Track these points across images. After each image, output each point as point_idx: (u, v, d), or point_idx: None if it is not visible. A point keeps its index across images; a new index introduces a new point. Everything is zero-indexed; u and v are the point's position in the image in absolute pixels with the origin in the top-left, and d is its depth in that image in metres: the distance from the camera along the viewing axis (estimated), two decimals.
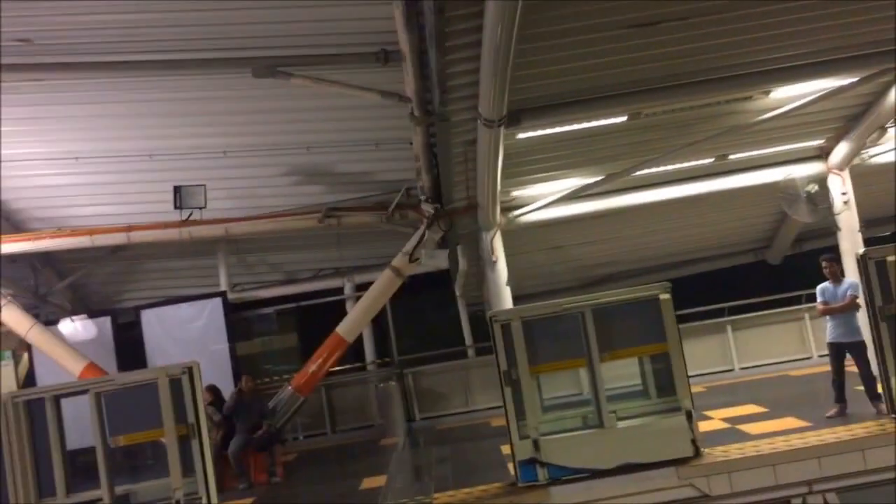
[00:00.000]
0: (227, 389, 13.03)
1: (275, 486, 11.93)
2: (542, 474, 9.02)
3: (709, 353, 15.11)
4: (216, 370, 13.66)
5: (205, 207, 12.93)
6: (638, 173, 12.93)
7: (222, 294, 15.09)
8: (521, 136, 11.04)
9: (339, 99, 11.04)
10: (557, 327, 9.34)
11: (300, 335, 18.51)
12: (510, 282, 13.52)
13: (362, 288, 15.30)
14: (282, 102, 11.56)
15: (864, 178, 14.30)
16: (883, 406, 9.74)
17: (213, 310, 14.87)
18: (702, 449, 9.12)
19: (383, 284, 13.77)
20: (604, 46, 9.23)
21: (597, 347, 9.17)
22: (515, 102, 9.40)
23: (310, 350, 14.09)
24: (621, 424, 9.21)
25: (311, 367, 13.56)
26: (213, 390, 12.73)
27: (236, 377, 13.88)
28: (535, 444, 9.02)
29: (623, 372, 9.76)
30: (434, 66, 8.64)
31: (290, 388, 13.45)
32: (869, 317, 9.55)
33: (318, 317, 16.70)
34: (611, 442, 9.11)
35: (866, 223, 14.34)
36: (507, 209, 13.58)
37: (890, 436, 9.07)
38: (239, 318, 16.25)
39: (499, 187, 11.63)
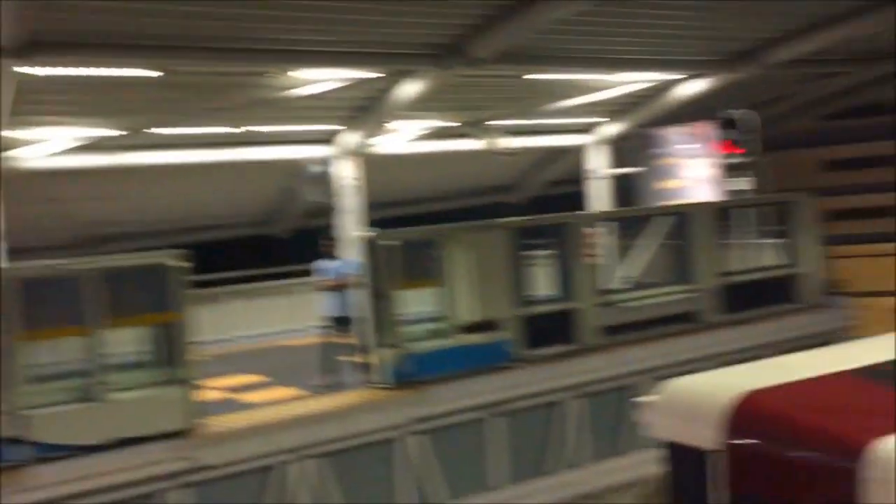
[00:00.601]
0: None
1: None
2: (25, 453, 8.10)
3: (210, 322, 15.02)
4: None
5: None
6: (157, 131, 12.36)
7: None
8: (28, 70, 9.74)
9: None
10: (57, 291, 8.46)
11: None
12: None
13: None
14: None
15: (370, 165, 15.54)
16: (370, 376, 10.71)
17: None
18: (199, 420, 9.04)
19: None
20: None
21: (96, 314, 8.51)
22: (29, 33, 8.28)
23: None
24: (117, 397, 8.70)
25: None
26: None
27: None
28: (19, 419, 8.06)
29: (128, 339, 9.23)
30: None
31: None
32: (367, 294, 10.42)
33: None
34: (104, 416, 8.57)
35: (371, 206, 15.59)
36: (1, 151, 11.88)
37: (376, 402, 10.05)
38: None
39: None
